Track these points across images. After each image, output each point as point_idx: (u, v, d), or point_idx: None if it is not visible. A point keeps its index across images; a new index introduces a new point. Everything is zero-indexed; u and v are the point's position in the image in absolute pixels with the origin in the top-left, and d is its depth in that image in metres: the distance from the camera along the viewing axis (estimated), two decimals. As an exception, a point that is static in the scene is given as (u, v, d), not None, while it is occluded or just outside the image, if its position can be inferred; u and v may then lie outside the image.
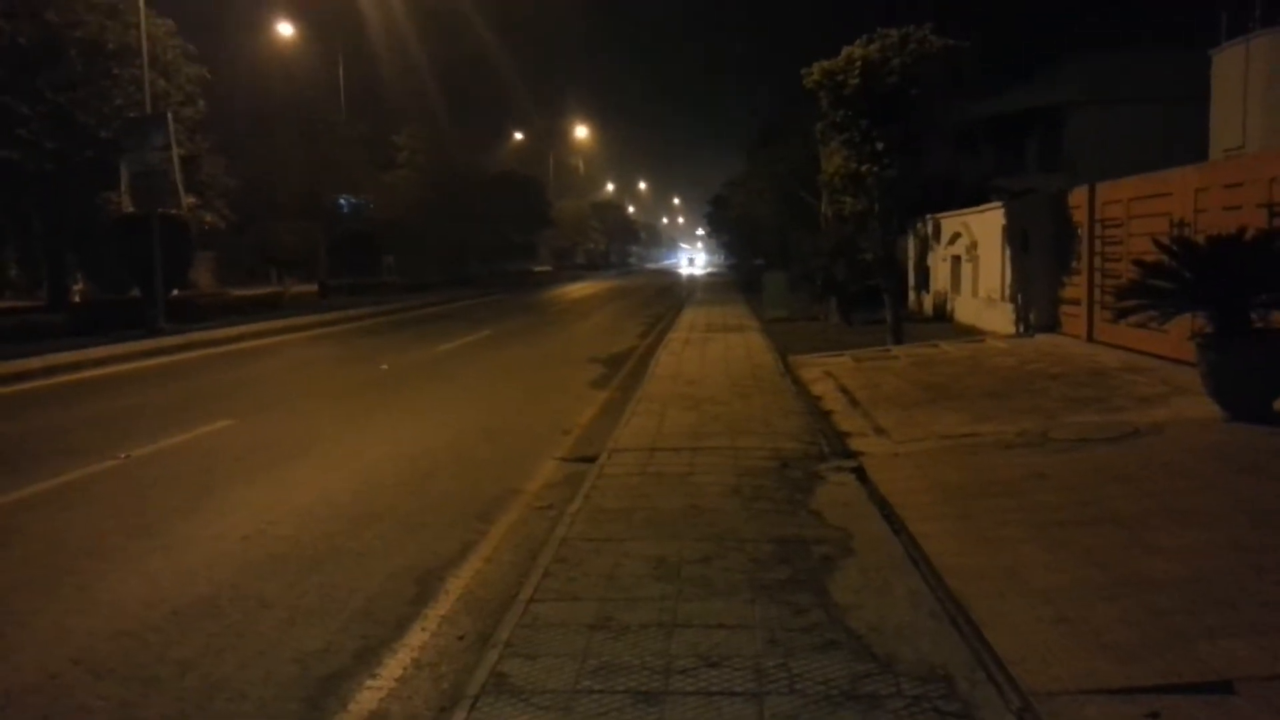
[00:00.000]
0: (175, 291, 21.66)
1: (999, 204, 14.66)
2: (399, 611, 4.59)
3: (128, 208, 19.70)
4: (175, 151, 19.56)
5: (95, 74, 21.03)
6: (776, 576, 4.58)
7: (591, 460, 7.36)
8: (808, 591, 4.38)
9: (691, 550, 4.99)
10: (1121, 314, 7.15)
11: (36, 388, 12.74)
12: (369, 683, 3.85)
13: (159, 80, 21.23)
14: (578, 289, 46.28)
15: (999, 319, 14.05)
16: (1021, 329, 13.17)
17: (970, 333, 14.63)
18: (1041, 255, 12.74)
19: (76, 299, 27.70)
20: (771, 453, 7.25)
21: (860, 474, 6.50)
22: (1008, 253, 13.88)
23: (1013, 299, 13.62)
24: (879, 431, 7.71)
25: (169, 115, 19.94)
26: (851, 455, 7.04)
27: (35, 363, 13.87)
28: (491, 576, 5.04)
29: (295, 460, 8.06)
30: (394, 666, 3.99)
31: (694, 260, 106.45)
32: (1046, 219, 12.66)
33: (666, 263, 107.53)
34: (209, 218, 24.97)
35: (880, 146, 13.04)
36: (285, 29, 36.76)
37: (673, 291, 41.15)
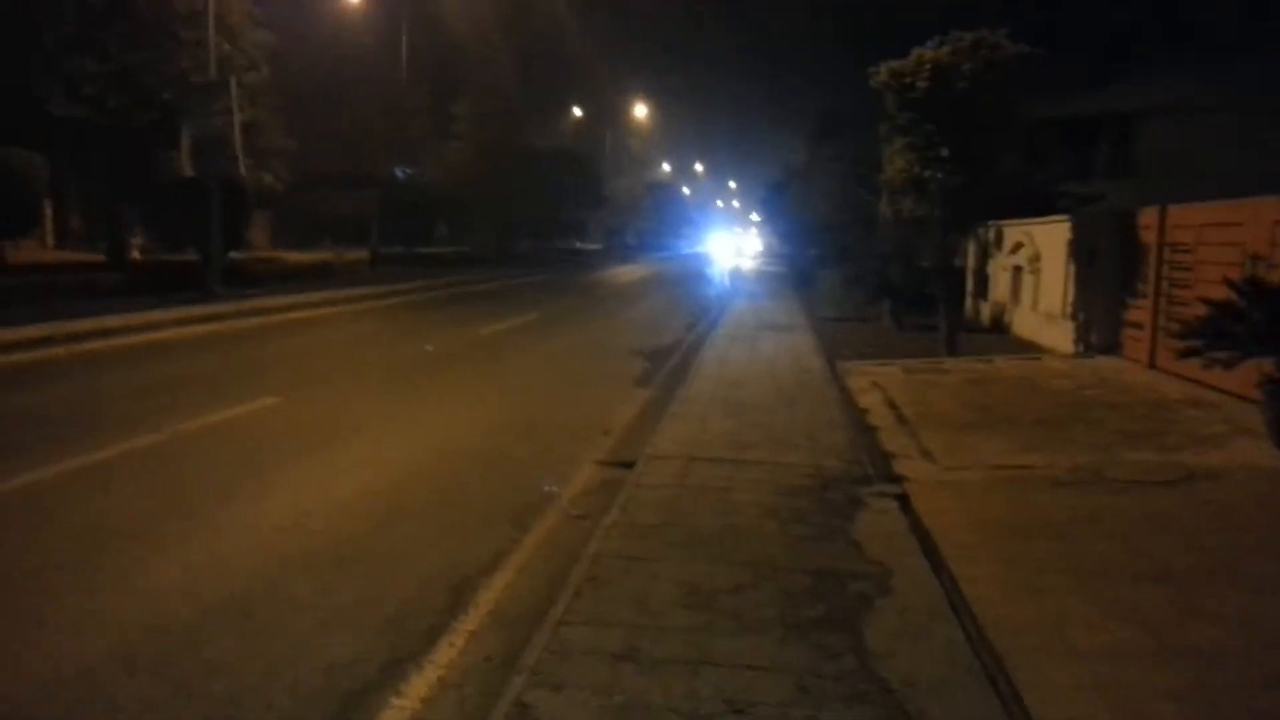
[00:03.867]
0: (231, 253, 21.96)
1: (1065, 217, 14.24)
2: (428, 622, 4.58)
3: (187, 170, 19.99)
4: (236, 117, 19.77)
5: (161, 35, 21.31)
6: (810, 614, 4.48)
7: (629, 466, 7.30)
8: (842, 633, 4.28)
9: (725, 577, 4.90)
10: (1187, 354, 6.89)
11: (90, 350, 12.99)
12: (394, 700, 3.84)
13: (224, 44, 21.44)
14: (626, 272, 46.19)
15: (1058, 336, 13.70)
16: (1081, 348, 12.82)
17: (1027, 348, 14.28)
18: (1106, 273, 12.37)
19: (136, 255, 28.27)
20: (813, 470, 7.13)
21: (903, 501, 6.35)
22: (1071, 268, 13.49)
23: (1073, 316, 13.25)
24: (925, 454, 7.53)
25: (232, 81, 20.14)
26: (895, 480, 6.88)
27: (90, 324, 14.14)
28: (522, 590, 5.01)
29: (335, 445, 8.11)
30: (420, 685, 3.97)
31: (741, 249, 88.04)
32: (1113, 237, 12.27)
33: (709, 247, 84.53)
34: (267, 179, 25.29)
35: (945, 152, 12.72)
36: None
37: (721, 282, 40.83)
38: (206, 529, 5.77)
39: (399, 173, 40.84)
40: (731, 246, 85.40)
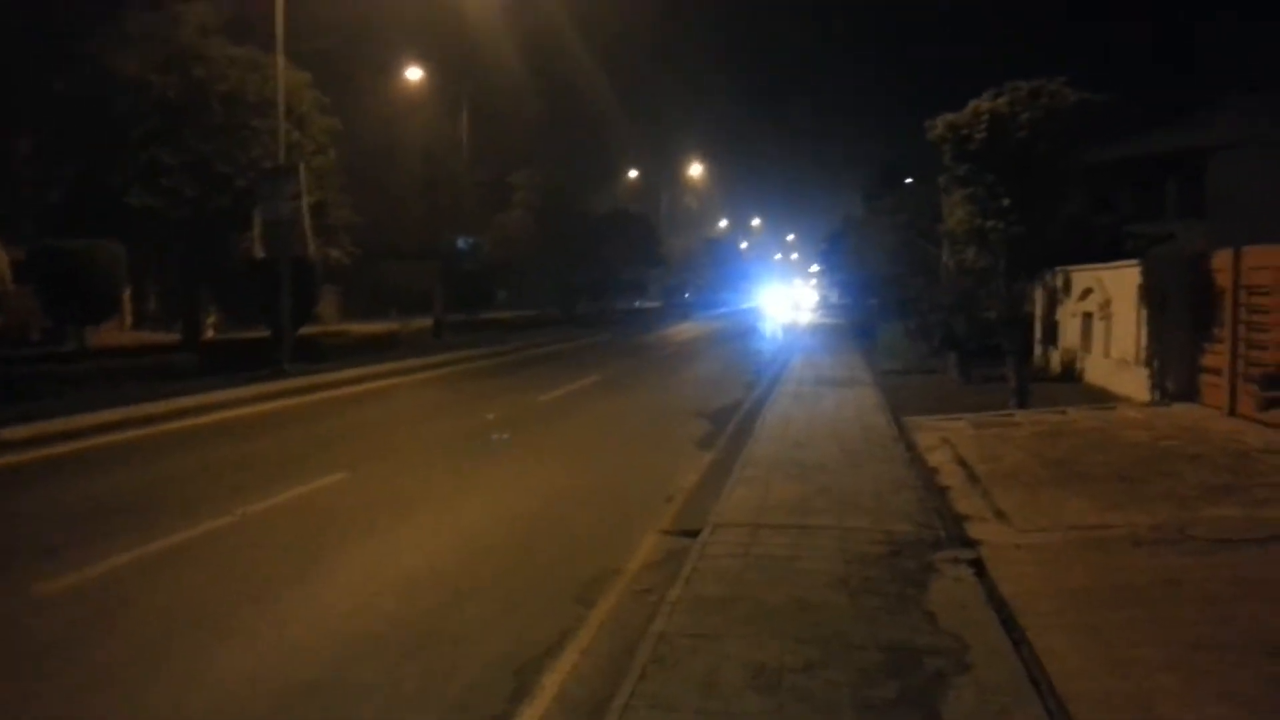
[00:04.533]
0: (301, 329, 22.52)
1: (1134, 261, 13.89)
2: (493, 709, 4.53)
3: (259, 253, 20.64)
4: (305, 200, 20.41)
5: (234, 125, 22.20)
6: (884, 694, 4.33)
7: (693, 535, 7.20)
8: (917, 715, 4.13)
9: (794, 655, 4.77)
10: (1268, 404, 6.60)
11: (164, 431, 13.32)
12: (459, 793, 3.78)
13: (293, 131, 22.21)
14: (684, 330, 46.20)
15: (1132, 383, 13.28)
16: (1157, 396, 12.39)
17: (1100, 396, 13.86)
18: (1180, 318, 11.99)
19: (210, 333, 29.19)
20: (883, 535, 6.96)
21: (978, 567, 6.15)
22: (1143, 313, 13.11)
23: (1147, 363, 12.84)
24: (999, 516, 7.31)
25: (301, 166, 20.84)
26: (969, 544, 6.68)
27: (164, 406, 14.49)
28: (587, 672, 4.93)
29: (403, 520, 8.18)
30: (484, 776, 3.92)
31: (798, 302, 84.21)
32: (1185, 280, 11.92)
33: (763, 302, 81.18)
34: (334, 254, 25.95)
35: (1006, 203, 12.56)
36: (413, 73, 38.01)
37: (781, 337, 40.62)
38: (276, 613, 5.82)
39: (460, 242, 41.69)
40: (787, 300, 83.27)
